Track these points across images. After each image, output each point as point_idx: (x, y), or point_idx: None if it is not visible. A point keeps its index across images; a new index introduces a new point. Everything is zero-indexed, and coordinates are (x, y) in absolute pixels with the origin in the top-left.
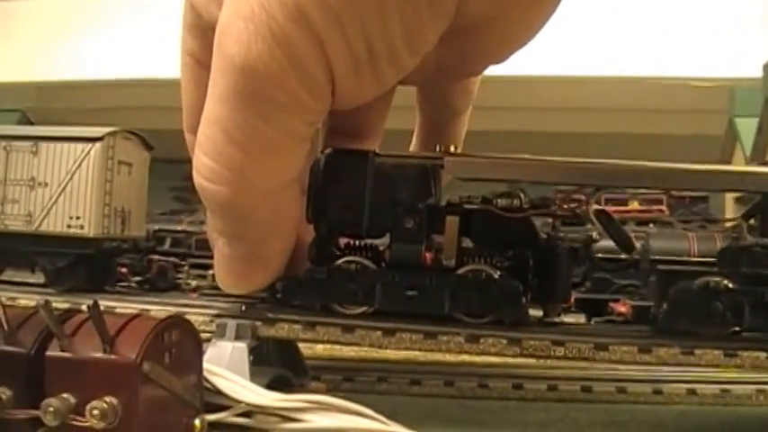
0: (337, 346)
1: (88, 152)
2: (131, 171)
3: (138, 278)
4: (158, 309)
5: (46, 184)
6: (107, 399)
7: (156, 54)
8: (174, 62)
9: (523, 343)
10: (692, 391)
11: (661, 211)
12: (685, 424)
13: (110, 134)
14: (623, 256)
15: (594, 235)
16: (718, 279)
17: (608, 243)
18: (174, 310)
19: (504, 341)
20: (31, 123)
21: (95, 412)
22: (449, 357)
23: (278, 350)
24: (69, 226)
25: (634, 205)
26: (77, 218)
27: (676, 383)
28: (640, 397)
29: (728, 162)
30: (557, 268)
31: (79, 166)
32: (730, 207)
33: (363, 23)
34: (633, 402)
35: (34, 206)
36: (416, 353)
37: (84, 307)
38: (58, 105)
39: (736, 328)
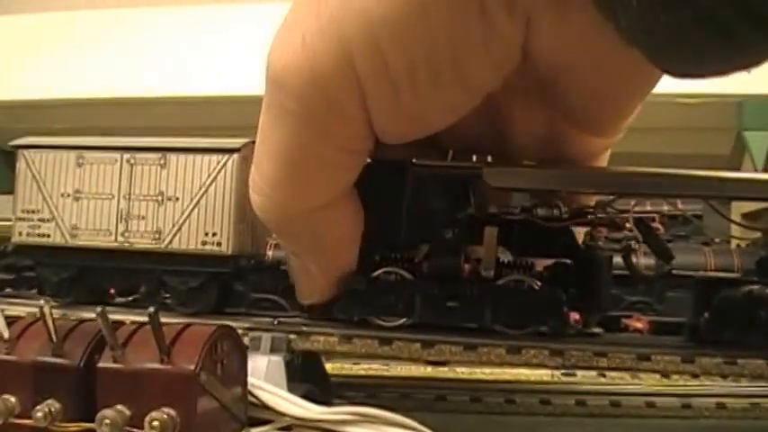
0: (348, 365)
1: (225, 164)
2: None
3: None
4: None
5: (176, 199)
6: (165, 410)
7: (124, 73)
8: (142, 81)
9: (566, 354)
10: (722, 405)
11: (656, 229)
12: None
13: (245, 145)
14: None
15: (633, 244)
16: (759, 288)
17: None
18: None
19: (546, 352)
20: None
21: (155, 423)
22: (462, 373)
23: (303, 367)
24: (204, 243)
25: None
26: (213, 234)
27: (705, 397)
28: (670, 411)
29: None
30: (597, 278)
31: (214, 179)
32: (736, 227)
33: (405, 47)
34: (663, 417)
35: (164, 222)
36: (435, 369)
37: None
38: (24, 125)
39: None
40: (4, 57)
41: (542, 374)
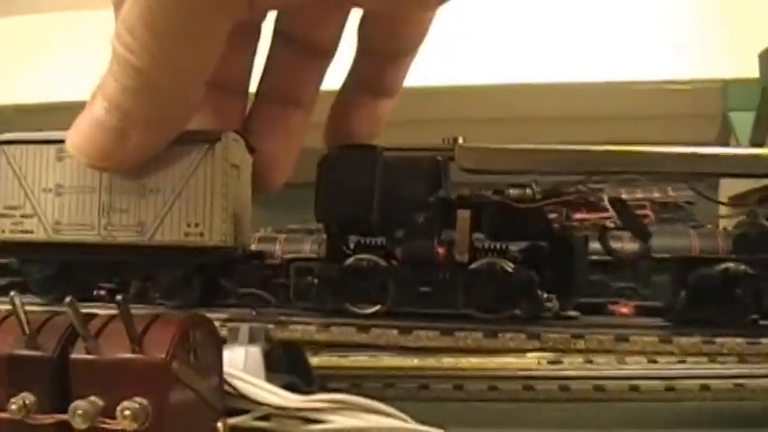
0: (334, 357)
1: (206, 154)
2: (239, 174)
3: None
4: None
5: (158, 191)
6: (137, 399)
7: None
8: None
9: (542, 337)
10: (706, 387)
11: (645, 216)
12: (702, 420)
13: (225, 135)
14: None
15: (609, 224)
16: (734, 265)
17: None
18: None
19: (523, 335)
20: None
21: (127, 413)
22: (447, 363)
23: (286, 358)
24: (187, 234)
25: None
26: (196, 225)
27: (690, 379)
28: (653, 395)
29: None
30: (573, 259)
31: (196, 169)
32: (724, 210)
33: None
34: (646, 400)
35: (146, 215)
36: (421, 360)
37: None
38: (15, 129)
39: (755, 316)
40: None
41: (529, 361)
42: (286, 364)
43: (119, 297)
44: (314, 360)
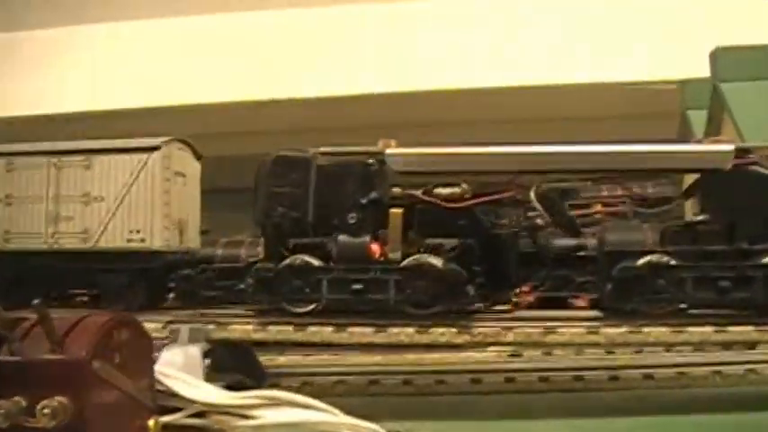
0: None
1: (146, 162)
2: (185, 181)
3: None
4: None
5: (102, 199)
6: (57, 398)
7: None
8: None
9: (473, 330)
10: (649, 376)
11: (622, 213)
12: (645, 407)
13: (166, 143)
14: (581, 254)
15: (539, 221)
16: (658, 256)
17: (568, 242)
18: None
19: (455, 329)
20: None
21: (46, 411)
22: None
23: (235, 357)
24: (130, 240)
25: (597, 208)
26: (137, 231)
27: (632, 369)
28: (598, 384)
29: None
30: (502, 255)
31: (137, 177)
32: (689, 207)
33: None
34: (591, 390)
35: (90, 222)
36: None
37: None
38: None
39: (682, 305)
40: None
41: (488, 355)
42: (234, 364)
43: (36, 301)
44: (283, 360)
